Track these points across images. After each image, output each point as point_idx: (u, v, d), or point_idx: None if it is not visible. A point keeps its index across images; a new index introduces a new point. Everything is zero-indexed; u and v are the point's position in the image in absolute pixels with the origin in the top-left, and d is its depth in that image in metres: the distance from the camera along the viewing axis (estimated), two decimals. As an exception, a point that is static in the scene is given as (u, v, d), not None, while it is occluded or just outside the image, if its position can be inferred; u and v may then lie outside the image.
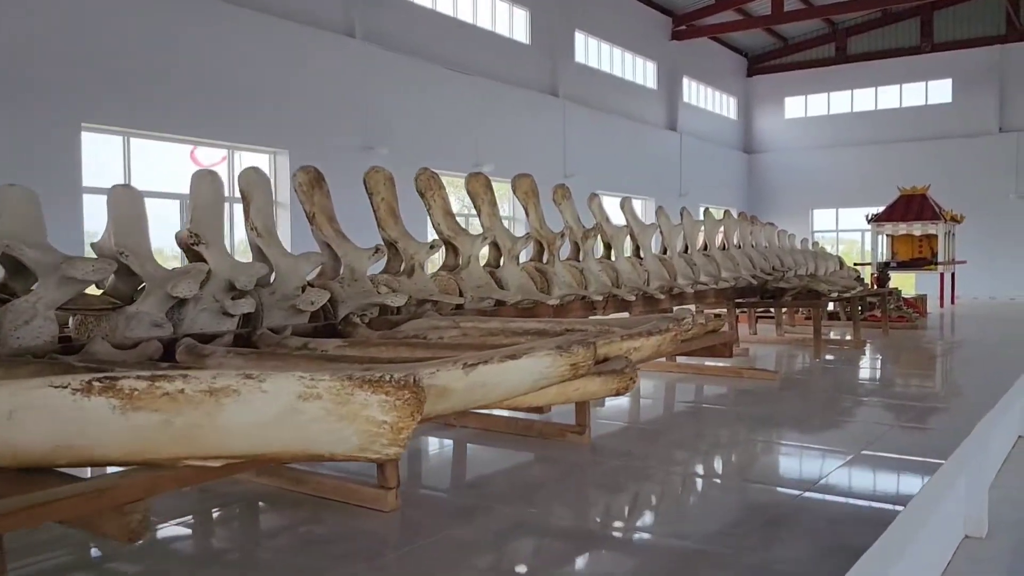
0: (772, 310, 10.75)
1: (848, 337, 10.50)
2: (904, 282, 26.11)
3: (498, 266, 5.81)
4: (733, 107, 28.06)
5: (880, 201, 19.50)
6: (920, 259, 18.68)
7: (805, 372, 8.09)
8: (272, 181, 6.92)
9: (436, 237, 5.42)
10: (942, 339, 11.70)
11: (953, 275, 19.27)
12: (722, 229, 9.36)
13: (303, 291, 4.18)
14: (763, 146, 28.45)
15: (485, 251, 5.84)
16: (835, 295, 9.01)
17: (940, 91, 25.59)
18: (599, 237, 7.10)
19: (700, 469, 4.41)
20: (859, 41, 26.76)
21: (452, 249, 5.48)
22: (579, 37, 20.06)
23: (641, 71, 22.82)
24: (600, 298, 6.43)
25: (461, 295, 5.25)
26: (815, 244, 12.61)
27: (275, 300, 4.07)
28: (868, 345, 10.09)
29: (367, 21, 14.48)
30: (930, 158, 24.47)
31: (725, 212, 9.51)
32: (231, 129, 12.35)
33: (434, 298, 4.86)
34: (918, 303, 14.05)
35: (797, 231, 27.53)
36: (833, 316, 12.95)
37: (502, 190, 8.67)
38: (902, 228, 18.17)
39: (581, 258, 6.70)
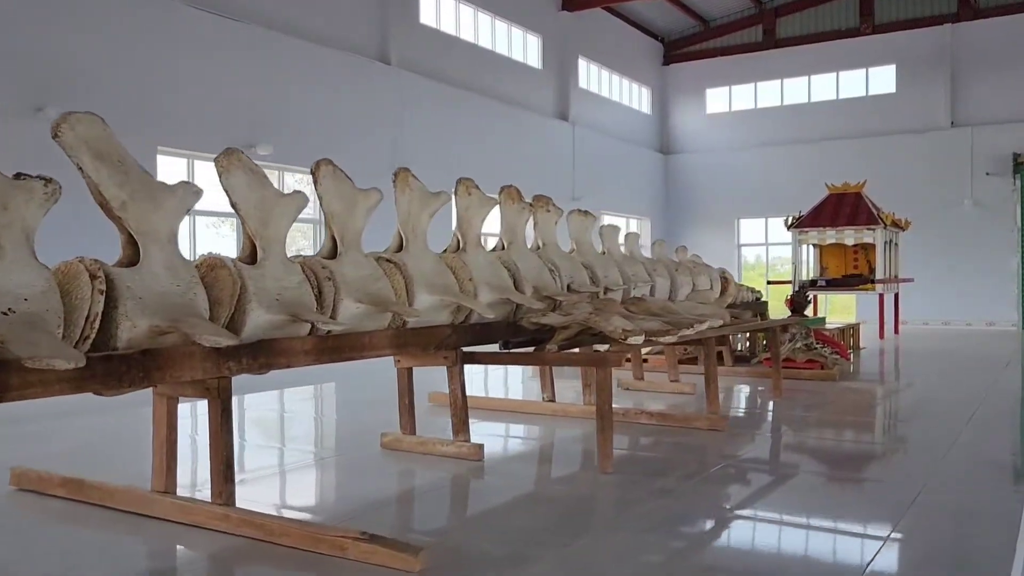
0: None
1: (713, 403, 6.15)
2: (844, 307, 22.11)
3: None
4: (646, 99, 23.96)
5: (813, 208, 15.29)
6: (855, 276, 14.57)
7: (518, 555, 3.62)
8: None
9: None
10: (870, 404, 7.39)
11: (896, 296, 15.19)
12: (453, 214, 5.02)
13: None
14: (681, 145, 24.36)
15: None
16: (642, 336, 4.62)
17: (883, 79, 21.75)
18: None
19: None
20: (790, 22, 22.87)
21: None
22: (426, -8, 15.75)
23: (520, 44, 18.55)
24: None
25: None
26: (680, 250, 8.32)
27: None
28: (731, 420, 5.73)
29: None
30: (871, 158, 20.51)
31: (460, 182, 5.14)
32: None
33: None
34: (839, 338, 9.85)
35: (722, 245, 23.50)
36: (740, 358, 8.71)
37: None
38: (831, 236, 14.03)
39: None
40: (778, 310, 11.95)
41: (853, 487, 4.30)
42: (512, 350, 4.74)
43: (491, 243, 6.59)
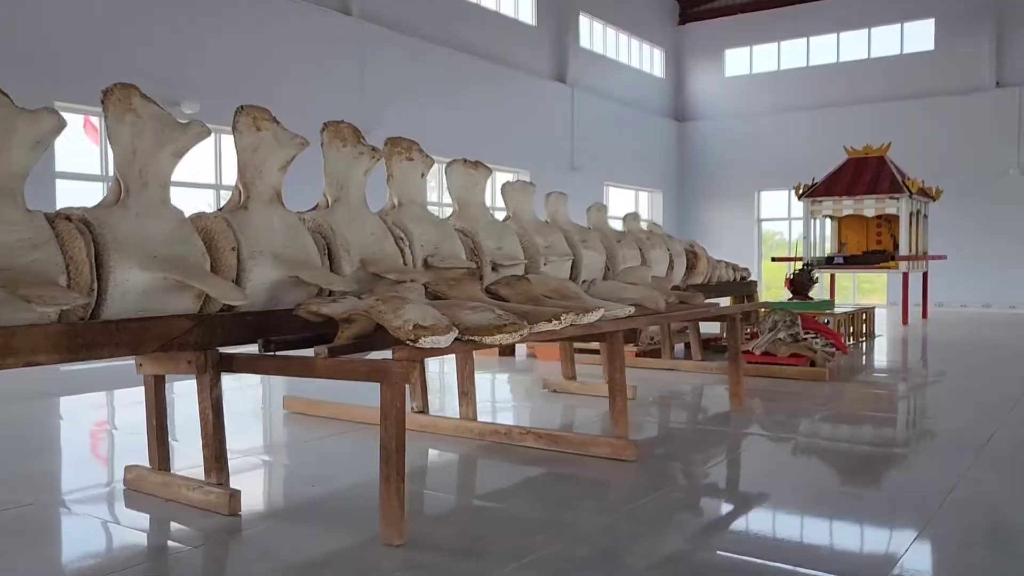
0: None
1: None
2: (881, 288, 20.12)
3: None
4: (659, 61, 22.10)
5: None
6: (877, 252, 12.76)
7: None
8: None
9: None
10: (857, 418, 5.67)
11: (925, 276, 13.34)
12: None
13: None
14: (697, 112, 22.48)
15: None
16: (450, 334, 3.04)
17: (920, 35, 19.63)
18: None
19: None
20: (817, -26, 20.84)
21: None
22: (396, -65, 14.13)
23: (509, -3, 16.91)
24: None
25: None
26: (629, 218, 6.70)
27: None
28: (651, 442, 4.11)
29: None
30: (907, 122, 18.51)
31: (243, 112, 3.61)
32: None
33: None
34: (845, 325, 8.17)
35: (741, 220, 21.69)
36: (711, 345, 7.16)
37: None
38: (848, 206, 12.24)
39: None
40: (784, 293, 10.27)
41: None
42: (277, 353, 3.26)
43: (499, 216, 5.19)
